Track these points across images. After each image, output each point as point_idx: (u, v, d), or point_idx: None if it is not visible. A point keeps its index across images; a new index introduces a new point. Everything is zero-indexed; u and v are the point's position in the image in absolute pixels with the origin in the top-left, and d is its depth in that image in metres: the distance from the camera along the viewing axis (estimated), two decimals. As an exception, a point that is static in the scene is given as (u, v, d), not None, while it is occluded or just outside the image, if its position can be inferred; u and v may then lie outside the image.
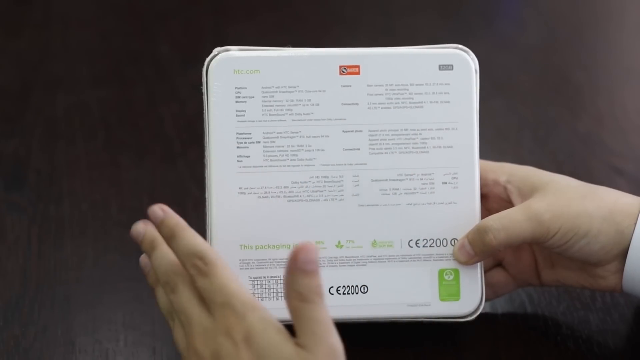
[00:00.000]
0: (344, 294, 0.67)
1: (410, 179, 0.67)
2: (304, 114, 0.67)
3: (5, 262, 0.78)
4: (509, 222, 0.65)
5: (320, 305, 0.55)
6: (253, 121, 0.67)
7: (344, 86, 0.67)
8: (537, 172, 0.69)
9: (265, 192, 0.67)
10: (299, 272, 0.55)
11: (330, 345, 0.54)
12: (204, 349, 0.56)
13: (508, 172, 0.69)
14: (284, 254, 0.67)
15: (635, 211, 0.65)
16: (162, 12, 1.18)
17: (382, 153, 0.67)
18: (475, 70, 0.68)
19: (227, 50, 0.67)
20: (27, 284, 0.75)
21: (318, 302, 0.55)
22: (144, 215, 0.83)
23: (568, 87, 1.05)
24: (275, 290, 0.67)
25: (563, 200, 0.65)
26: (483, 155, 0.69)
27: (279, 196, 0.67)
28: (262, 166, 0.67)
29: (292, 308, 0.56)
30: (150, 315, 0.72)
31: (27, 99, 1.00)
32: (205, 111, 0.67)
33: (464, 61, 0.68)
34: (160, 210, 0.61)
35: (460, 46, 0.68)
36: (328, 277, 0.67)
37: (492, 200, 0.70)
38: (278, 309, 0.66)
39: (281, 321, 0.67)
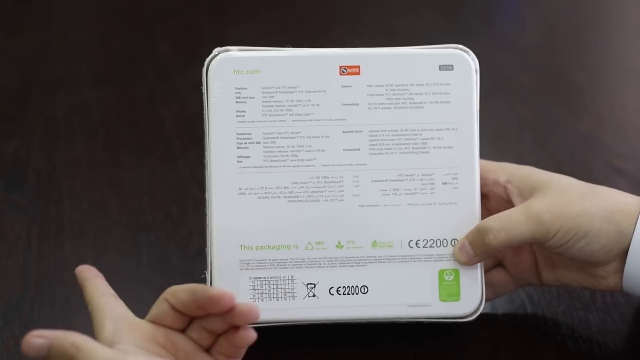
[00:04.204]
0: (344, 294, 0.67)
1: (410, 180, 0.67)
2: (304, 114, 0.67)
3: (5, 262, 0.78)
4: (509, 222, 0.65)
5: None
6: (253, 121, 0.67)
7: (344, 86, 0.67)
8: (537, 172, 0.69)
9: (266, 193, 0.67)
10: None
11: None
12: None
13: (508, 172, 0.69)
14: (284, 255, 0.67)
15: (636, 211, 0.65)
16: (162, 12, 1.18)
17: (382, 153, 0.67)
18: (476, 70, 0.68)
19: (227, 51, 0.67)
20: (27, 284, 0.75)
21: None
22: (144, 215, 0.83)
23: (568, 87, 1.05)
24: (275, 291, 0.66)
25: (563, 200, 0.65)
26: (483, 155, 0.69)
27: (279, 196, 0.67)
28: (262, 167, 0.67)
29: None
30: (150, 315, 0.72)
31: (27, 99, 1.00)
32: (205, 111, 0.67)
33: (464, 61, 0.68)
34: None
35: (460, 46, 0.68)
36: (328, 277, 0.67)
37: (492, 200, 0.70)
38: (278, 309, 0.66)
39: (281, 322, 0.67)
